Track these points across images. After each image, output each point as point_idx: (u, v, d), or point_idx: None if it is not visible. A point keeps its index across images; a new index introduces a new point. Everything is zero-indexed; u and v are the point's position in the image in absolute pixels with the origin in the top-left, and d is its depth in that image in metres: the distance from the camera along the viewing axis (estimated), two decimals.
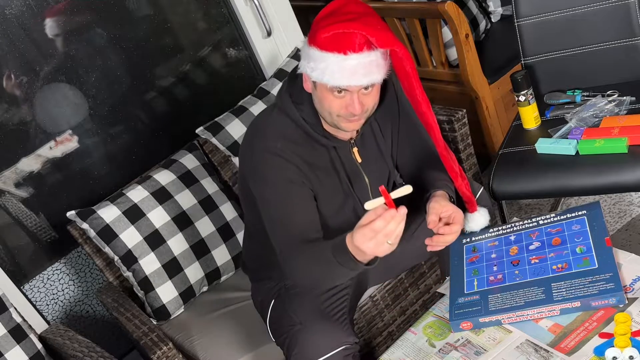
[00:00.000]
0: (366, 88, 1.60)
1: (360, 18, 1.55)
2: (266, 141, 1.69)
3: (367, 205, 1.46)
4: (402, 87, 1.71)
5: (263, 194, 1.71)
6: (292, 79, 1.74)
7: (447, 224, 1.69)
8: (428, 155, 1.87)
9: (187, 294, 2.23)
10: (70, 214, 2.22)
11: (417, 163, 1.88)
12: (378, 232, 1.42)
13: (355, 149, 1.78)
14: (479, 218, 1.86)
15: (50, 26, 2.38)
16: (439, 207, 1.70)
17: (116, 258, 2.21)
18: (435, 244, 1.71)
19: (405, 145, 1.88)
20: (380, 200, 1.45)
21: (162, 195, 2.25)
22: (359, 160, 1.79)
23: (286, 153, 1.68)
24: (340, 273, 1.57)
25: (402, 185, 1.91)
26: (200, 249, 2.25)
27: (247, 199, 1.82)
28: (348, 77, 1.56)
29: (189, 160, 2.36)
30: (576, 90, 2.22)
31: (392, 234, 1.43)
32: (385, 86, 1.76)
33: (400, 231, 1.44)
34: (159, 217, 2.22)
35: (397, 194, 1.48)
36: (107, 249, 2.20)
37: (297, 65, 1.71)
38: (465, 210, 1.84)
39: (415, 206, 1.82)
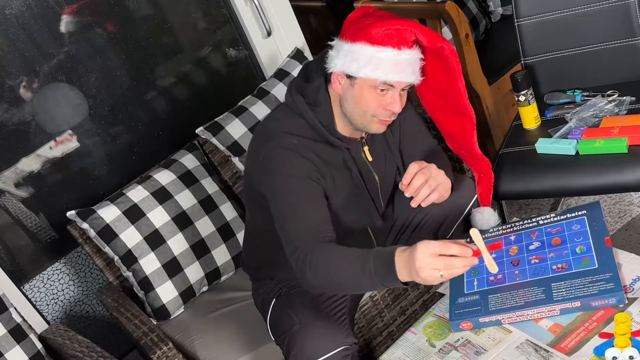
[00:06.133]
0: (403, 89, 1.63)
1: (404, 19, 1.60)
2: (281, 139, 1.67)
3: (473, 232, 1.52)
4: (442, 81, 1.72)
5: (276, 188, 1.65)
6: (304, 80, 1.72)
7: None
8: (432, 152, 1.88)
9: (187, 294, 2.23)
10: (70, 214, 2.22)
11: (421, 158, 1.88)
12: (448, 263, 1.43)
13: (365, 148, 1.78)
14: (490, 216, 1.86)
15: (50, 26, 2.38)
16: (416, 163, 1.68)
17: (116, 258, 2.21)
18: (410, 193, 1.66)
19: (412, 143, 1.88)
20: (480, 240, 1.52)
21: (162, 195, 2.25)
22: (370, 158, 1.79)
23: (301, 149, 1.66)
24: (370, 284, 1.53)
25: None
26: (200, 249, 2.25)
27: (253, 201, 1.81)
28: (400, 73, 1.59)
29: (189, 160, 2.36)
30: (576, 90, 2.22)
31: (454, 272, 1.44)
32: None
33: (458, 273, 1.46)
34: (159, 217, 2.22)
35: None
36: (107, 249, 2.20)
37: (304, 66, 1.71)
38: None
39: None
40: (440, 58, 1.68)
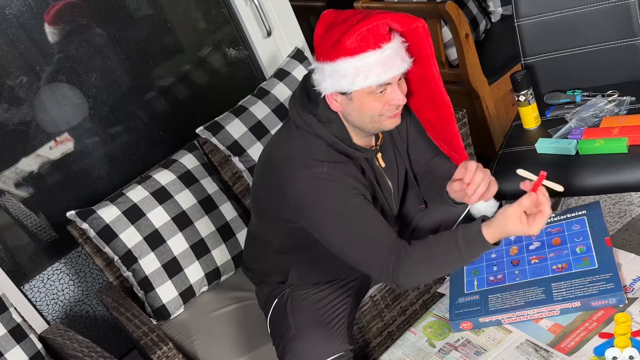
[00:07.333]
0: (399, 79, 1.60)
1: (370, 14, 1.56)
2: (310, 168, 1.62)
3: (520, 171, 1.57)
4: (416, 68, 1.66)
5: (326, 222, 1.61)
6: (307, 97, 1.68)
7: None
8: (435, 152, 1.87)
9: (187, 294, 2.23)
10: (70, 214, 2.22)
11: (426, 160, 1.87)
12: (548, 215, 1.50)
13: (379, 155, 1.77)
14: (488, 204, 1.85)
15: (50, 26, 2.38)
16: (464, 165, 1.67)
17: (116, 258, 2.21)
18: (472, 188, 1.65)
19: (416, 143, 1.87)
20: (532, 176, 1.55)
21: (162, 195, 2.25)
22: (383, 165, 1.78)
23: (335, 176, 1.61)
24: (467, 262, 1.59)
25: None
26: (200, 248, 2.25)
27: (267, 217, 1.79)
28: (390, 69, 1.56)
29: (189, 160, 2.36)
30: (576, 90, 2.22)
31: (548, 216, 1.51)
32: None
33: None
34: (159, 217, 2.22)
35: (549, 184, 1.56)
36: (107, 249, 2.20)
37: (305, 80, 1.69)
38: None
39: (419, 202, 1.83)
40: (413, 44, 1.63)
